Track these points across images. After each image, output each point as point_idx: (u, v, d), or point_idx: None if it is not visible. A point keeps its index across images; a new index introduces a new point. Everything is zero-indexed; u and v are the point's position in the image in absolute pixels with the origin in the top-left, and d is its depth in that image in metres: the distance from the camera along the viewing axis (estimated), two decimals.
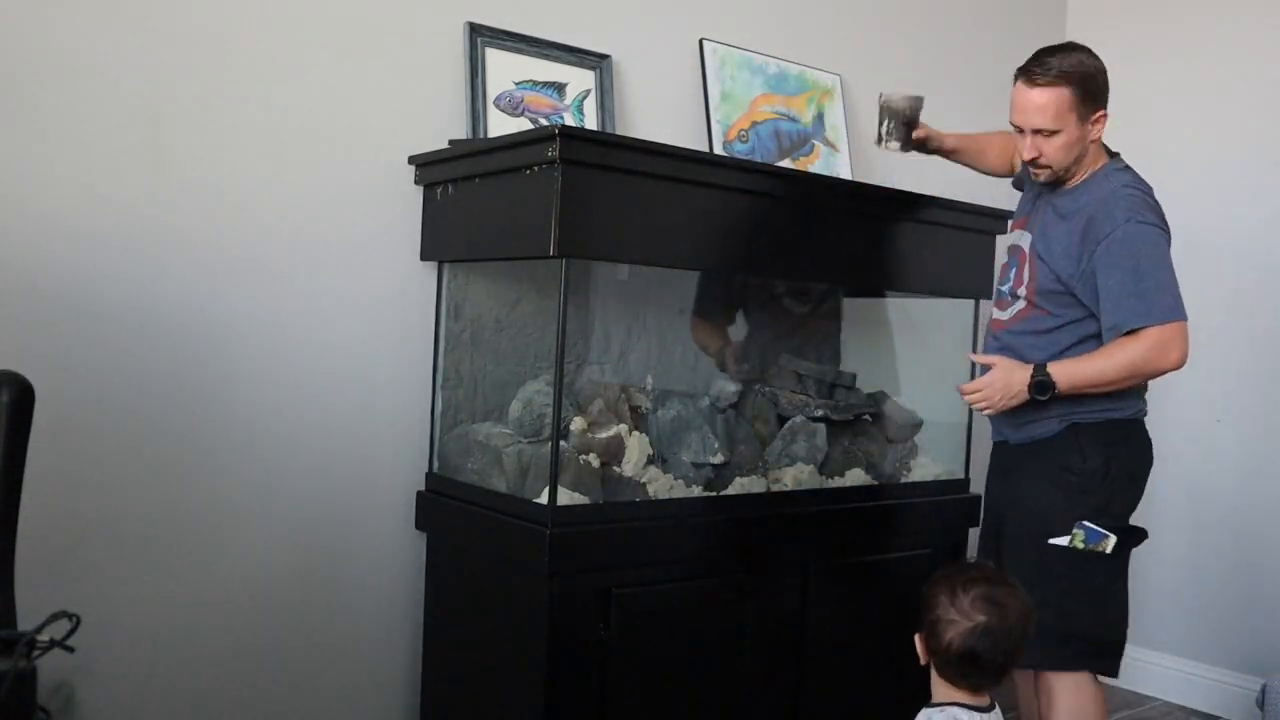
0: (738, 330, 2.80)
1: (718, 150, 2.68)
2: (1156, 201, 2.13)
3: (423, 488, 2.35)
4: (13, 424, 1.37)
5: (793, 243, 2.31)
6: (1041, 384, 2.05)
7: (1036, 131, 2.09)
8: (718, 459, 2.36)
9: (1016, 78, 2.12)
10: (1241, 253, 3.23)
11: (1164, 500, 3.36)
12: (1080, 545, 2.09)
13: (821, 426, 2.54)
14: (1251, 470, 3.18)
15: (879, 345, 2.89)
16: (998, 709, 1.73)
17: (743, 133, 2.76)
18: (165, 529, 2.07)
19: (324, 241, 2.23)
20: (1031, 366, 2.07)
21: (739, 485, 2.35)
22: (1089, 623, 2.10)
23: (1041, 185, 2.22)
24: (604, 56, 2.56)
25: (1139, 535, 2.16)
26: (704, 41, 2.74)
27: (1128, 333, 2.04)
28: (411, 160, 2.31)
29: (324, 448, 2.24)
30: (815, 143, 2.92)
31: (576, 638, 2.01)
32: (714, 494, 2.30)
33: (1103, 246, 2.06)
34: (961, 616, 1.65)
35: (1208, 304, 3.30)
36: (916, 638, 1.73)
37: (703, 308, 2.70)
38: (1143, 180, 2.17)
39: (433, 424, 2.36)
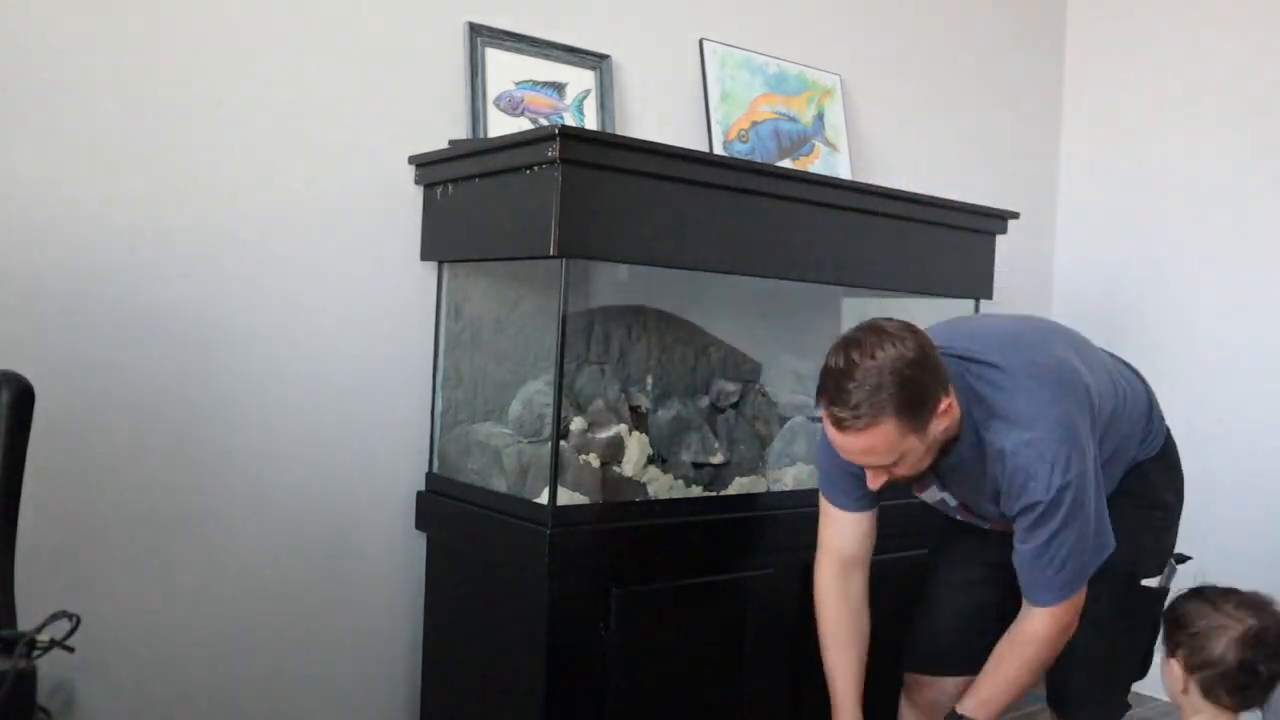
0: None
1: (718, 150, 2.68)
2: (1071, 420, 1.70)
3: (423, 488, 2.35)
4: (13, 424, 1.37)
5: (793, 243, 2.31)
6: None
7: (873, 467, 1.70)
8: (718, 459, 2.36)
9: (818, 403, 1.67)
10: (1241, 253, 3.23)
11: None
12: (1167, 585, 1.92)
13: (821, 427, 2.53)
14: (1251, 470, 3.18)
15: None
16: None
17: (743, 133, 2.76)
18: (165, 529, 2.07)
19: (324, 241, 2.23)
20: None
21: (739, 485, 2.36)
22: (1140, 666, 1.96)
23: None
24: (604, 56, 2.56)
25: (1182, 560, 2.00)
26: (704, 41, 2.74)
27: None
28: (411, 160, 2.31)
29: (324, 448, 2.24)
30: (815, 143, 2.92)
31: (576, 638, 2.01)
32: (714, 494, 2.30)
33: (1027, 517, 1.70)
34: (1231, 621, 1.55)
35: (1206, 305, 3.30)
36: (1171, 663, 1.60)
37: None
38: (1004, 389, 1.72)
39: (433, 424, 2.36)
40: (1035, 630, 1.75)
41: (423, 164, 2.29)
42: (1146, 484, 1.94)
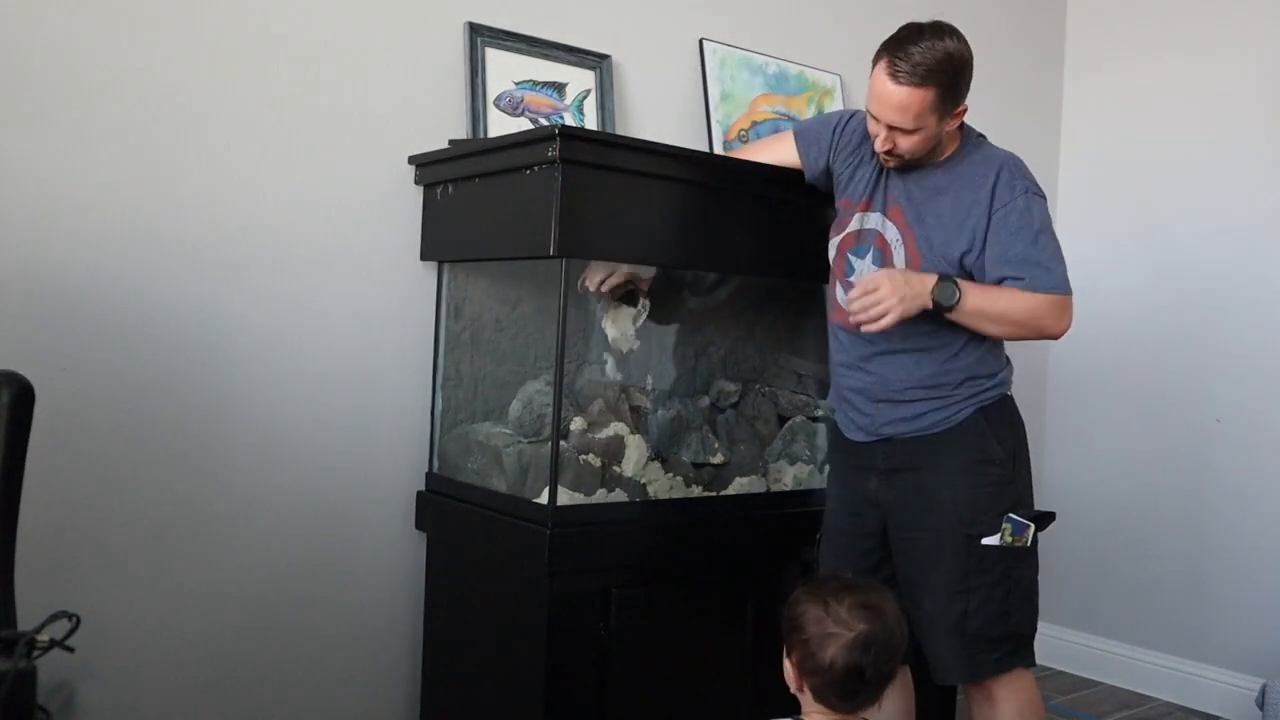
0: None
1: (718, 150, 2.68)
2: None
3: (423, 488, 2.35)
4: (13, 424, 1.37)
5: (792, 243, 2.31)
6: (948, 289, 1.89)
7: (892, 127, 1.92)
8: (718, 459, 2.36)
9: (877, 59, 1.92)
10: (1241, 252, 3.23)
11: (1163, 500, 3.36)
12: (1009, 541, 1.95)
13: (821, 426, 2.54)
14: (1251, 470, 3.18)
15: None
16: None
17: (743, 133, 2.76)
18: (165, 529, 2.07)
19: (324, 241, 2.23)
20: (932, 275, 1.92)
21: (739, 485, 2.36)
22: (1023, 619, 1.99)
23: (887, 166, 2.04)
24: (604, 56, 2.56)
25: (1049, 519, 2.04)
26: (704, 41, 2.74)
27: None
28: (411, 160, 2.31)
29: (324, 448, 2.24)
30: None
31: (576, 638, 2.01)
32: (714, 494, 2.30)
33: (1000, 214, 1.95)
34: (841, 628, 1.50)
35: (1207, 302, 3.30)
36: (786, 663, 1.58)
37: None
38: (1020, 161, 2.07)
39: (433, 424, 2.36)
40: (1029, 295, 1.93)
41: (423, 164, 2.29)
42: (983, 438, 2.00)
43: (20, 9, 1.90)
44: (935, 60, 1.85)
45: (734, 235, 2.22)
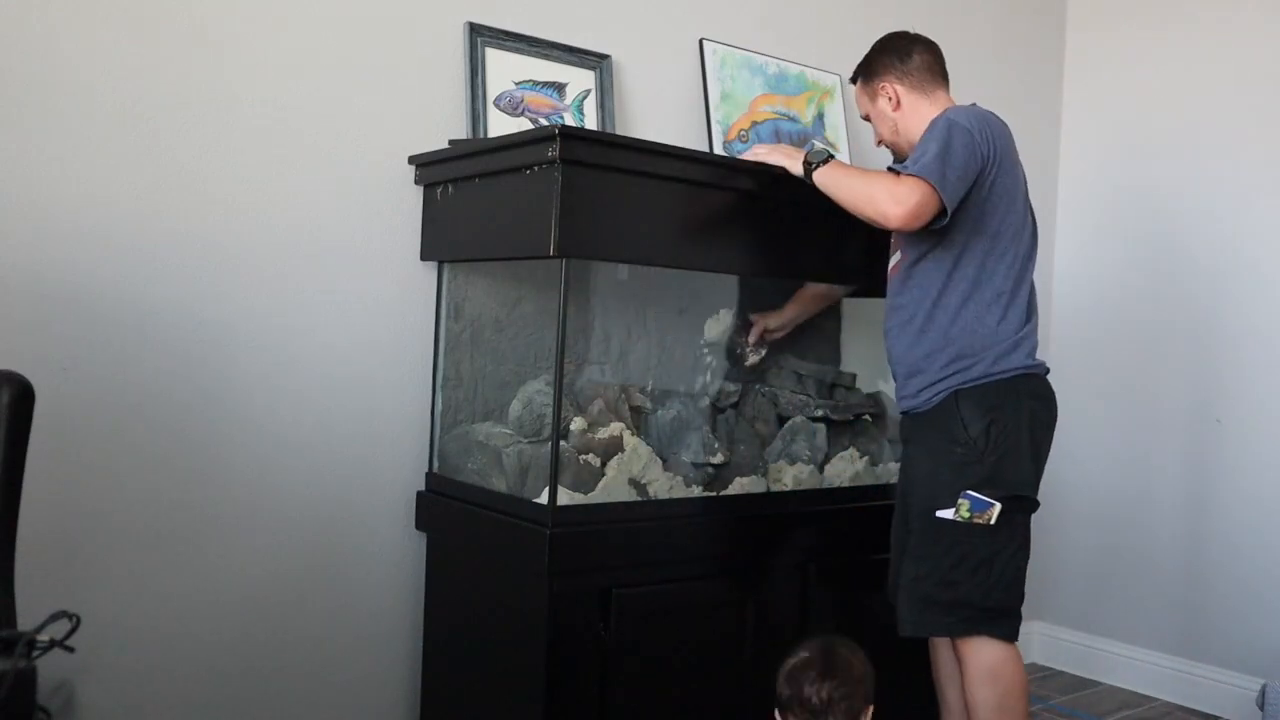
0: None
1: (718, 150, 2.68)
2: (982, 119, 2.14)
3: (423, 488, 2.35)
4: (13, 424, 1.37)
5: (793, 243, 2.31)
6: (820, 152, 2.18)
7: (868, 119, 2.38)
8: (718, 459, 2.36)
9: None
10: (1242, 251, 3.23)
11: (1164, 499, 3.36)
12: (966, 516, 2.06)
13: (821, 426, 2.54)
14: (1250, 470, 3.18)
15: (879, 345, 2.88)
16: None
17: (743, 133, 2.76)
18: (165, 529, 2.07)
19: (324, 241, 2.23)
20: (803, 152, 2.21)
21: (739, 485, 2.36)
22: (975, 592, 2.07)
23: None
24: (604, 56, 2.56)
25: (1028, 503, 2.11)
26: (704, 41, 2.74)
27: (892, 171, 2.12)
28: (411, 160, 2.31)
29: (324, 448, 2.24)
30: (815, 142, 2.92)
31: (576, 638, 2.01)
32: (714, 494, 2.30)
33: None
34: (789, 659, 1.71)
35: (1207, 302, 3.30)
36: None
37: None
38: (975, 110, 2.19)
39: (433, 424, 2.36)
40: (881, 176, 2.10)
41: (423, 164, 2.29)
42: (952, 420, 2.12)
43: (21, 11, 1.90)
44: (862, 62, 2.37)
45: (734, 235, 2.22)
